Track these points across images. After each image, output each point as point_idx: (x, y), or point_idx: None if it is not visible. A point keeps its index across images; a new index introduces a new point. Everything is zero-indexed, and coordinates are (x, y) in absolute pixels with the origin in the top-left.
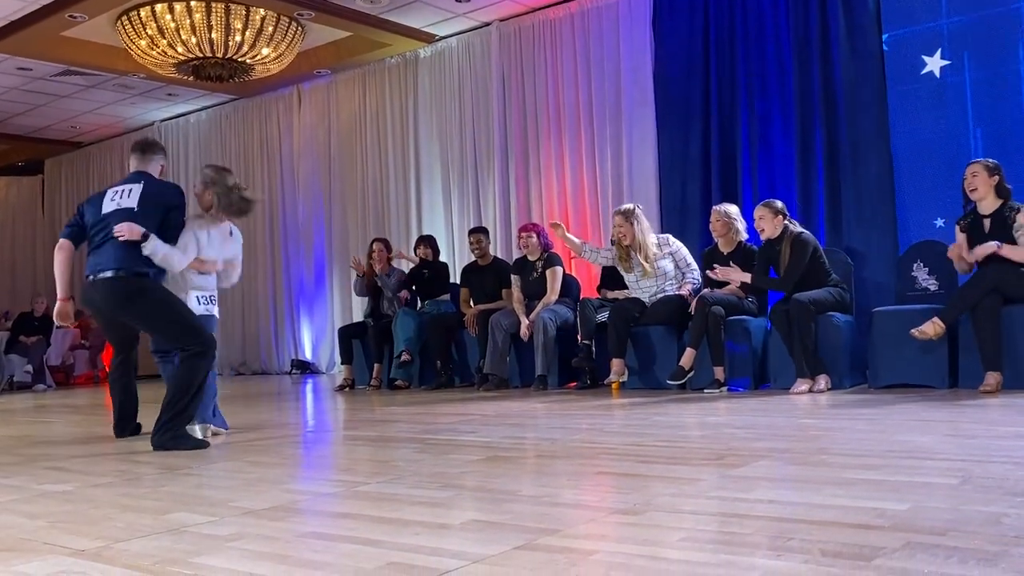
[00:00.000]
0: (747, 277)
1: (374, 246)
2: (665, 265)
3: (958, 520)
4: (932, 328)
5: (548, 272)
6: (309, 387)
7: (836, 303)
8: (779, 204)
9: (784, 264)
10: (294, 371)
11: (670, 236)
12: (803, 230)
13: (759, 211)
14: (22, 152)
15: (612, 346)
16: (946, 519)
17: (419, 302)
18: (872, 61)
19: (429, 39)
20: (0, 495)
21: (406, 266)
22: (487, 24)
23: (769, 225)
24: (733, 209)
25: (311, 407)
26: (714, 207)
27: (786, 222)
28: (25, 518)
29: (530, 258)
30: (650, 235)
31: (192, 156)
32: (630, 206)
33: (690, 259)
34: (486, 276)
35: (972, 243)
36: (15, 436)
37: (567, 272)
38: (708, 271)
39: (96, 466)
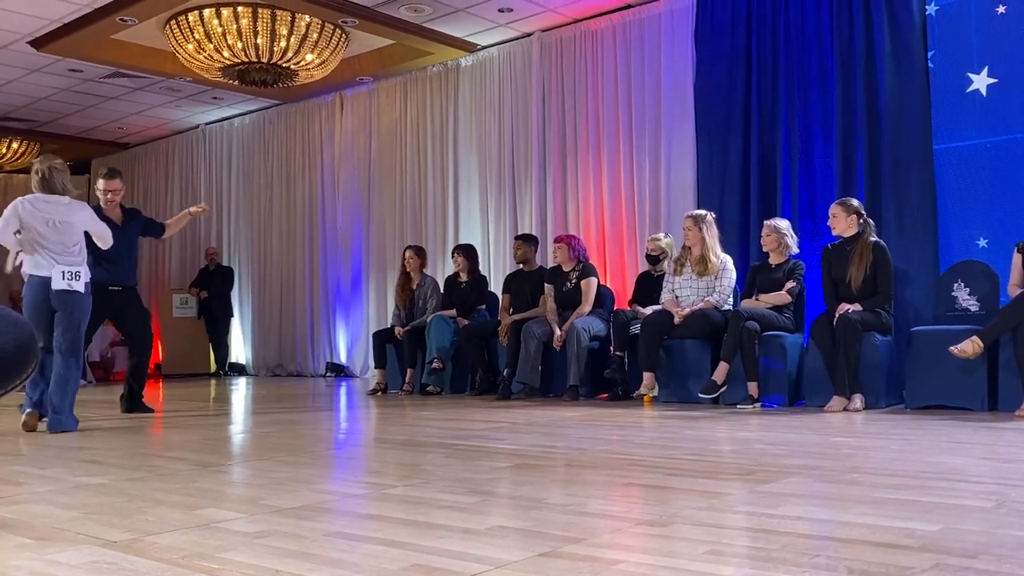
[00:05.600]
0: (787, 299)
1: (406, 253)
2: (714, 282)
3: (990, 543)
4: (971, 347)
5: (583, 283)
6: (343, 390)
7: (882, 325)
8: (855, 203)
9: (855, 266)
10: (328, 374)
11: (729, 260)
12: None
13: (833, 209)
14: (71, 152)
15: (643, 360)
16: (978, 542)
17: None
18: (917, 78)
19: (471, 48)
20: (37, 485)
21: (440, 276)
22: (529, 35)
23: (841, 224)
24: (784, 223)
25: (344, 409)
26: (765, 221)
27: (862, 222)
28: (60, 508)
29: (564, 268)
30: (717, 245)
31: (235, 160)
32: (702, 212)
33: (729, 289)
34: (526, 283)
35: None
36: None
37: (602, 283)
38: (754, 297)
39: (131, 460)
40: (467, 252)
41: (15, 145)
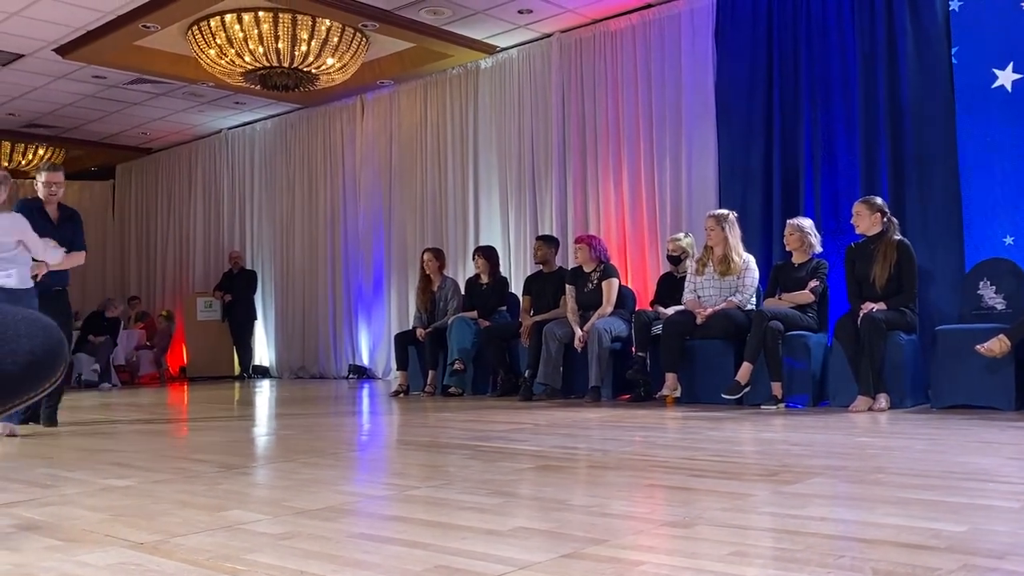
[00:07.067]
0: (810, 298)
1: (424, 256)
2: (736, 281)
3: (1018, 544)
4: (998, 345)
5: (604, 283)
6: (365, 392)
7: (906, 324)
8: (879, 201)
9: (878, 265)
10: (351, 376)
11: (752, 259)
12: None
13: (856, 207)
14: (95, 158)
15: (665, 360)
16: (1005, 543)
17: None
18: (940, 74)
19: (490, 50)
20: (65, 488)
21: (461, 278)
22: (548, 36)
23: (865, 222)
24: (807, 222)
25: (366, 411)
26: (788, 220)
27: (886, 220)
28: (88, 511)
29: (585, 268)
30: (739, 245)
31: (258, 164)
32: (724, 211)
33: (752, 288)
34: (547, 284)
35: None
36: (81, 433)
37: (623, 284)
38: (776, 296)
39: (157, 463)
40: (488, 254)
41: (40, 151)
